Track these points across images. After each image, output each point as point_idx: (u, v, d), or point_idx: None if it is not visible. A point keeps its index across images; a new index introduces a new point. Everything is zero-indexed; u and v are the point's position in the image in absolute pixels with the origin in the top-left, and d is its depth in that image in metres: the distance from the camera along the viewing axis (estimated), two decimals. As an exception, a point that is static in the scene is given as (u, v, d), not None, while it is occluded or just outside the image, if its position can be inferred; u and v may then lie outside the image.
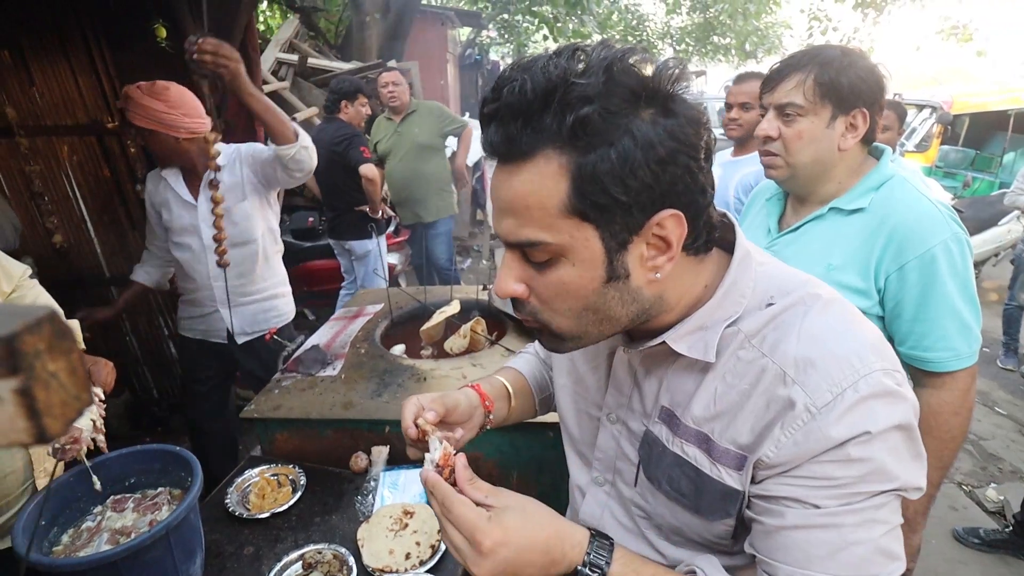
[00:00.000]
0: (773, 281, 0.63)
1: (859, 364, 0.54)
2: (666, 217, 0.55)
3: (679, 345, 0.62)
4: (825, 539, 0.55)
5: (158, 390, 3.25)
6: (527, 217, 0.55)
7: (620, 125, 0.51)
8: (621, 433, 0.72)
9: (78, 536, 1.14)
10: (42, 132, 2.61)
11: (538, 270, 0.58)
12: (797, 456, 0.55)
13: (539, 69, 0.51)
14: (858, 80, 1.10)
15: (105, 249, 2.90)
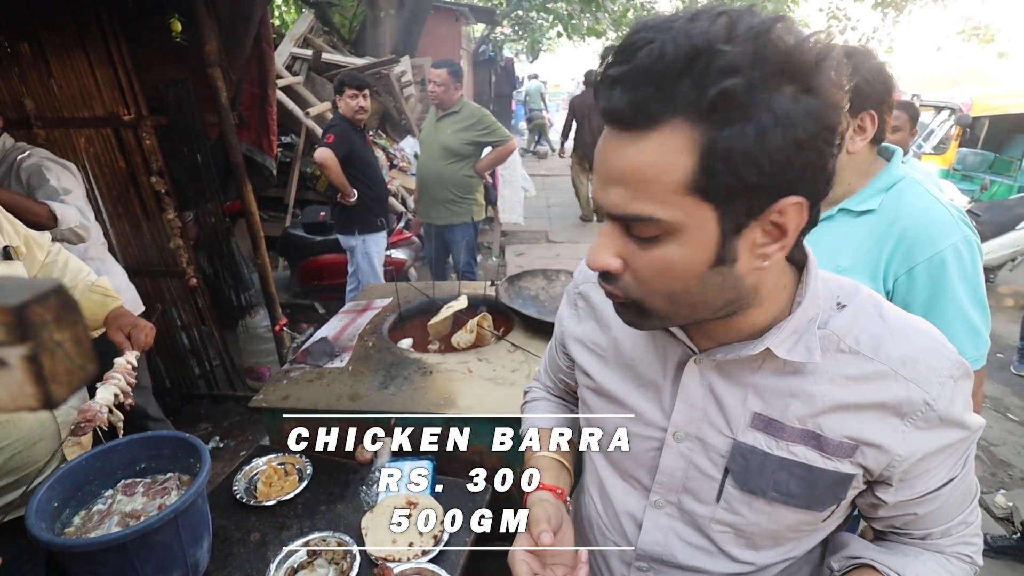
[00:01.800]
0: (832, 284, 0.65)
1: (946, 352, 0.62)
2: (790, 204, 0.51)
3: (781, 351, 0.60)
4: (960, 492, 0.67)
5: (170, 380, 3.30)
6: (641, 190, 0.51)
7: (762, 101, 0.46)
8: (694, 450, 0.68)
9: (89, 518, 1.17)
10: (60, 124, 2.66)
11: (640, 245, 0.54)
12: (928, 445, 0.61)
13: (682, 33, 0.47)
14: (864, 82, 1.09)
15: (120, 240, 2.94)
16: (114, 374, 1.28)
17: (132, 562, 1.04)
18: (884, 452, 0.61)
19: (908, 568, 0.66)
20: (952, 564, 0.69)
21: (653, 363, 0.70)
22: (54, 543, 1.00)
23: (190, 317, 3.11)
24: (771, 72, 0.47)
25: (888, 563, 0.67)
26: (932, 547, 0.69)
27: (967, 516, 0.69)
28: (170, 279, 2.99)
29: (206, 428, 3.17)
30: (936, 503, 0.65)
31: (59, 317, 0.22)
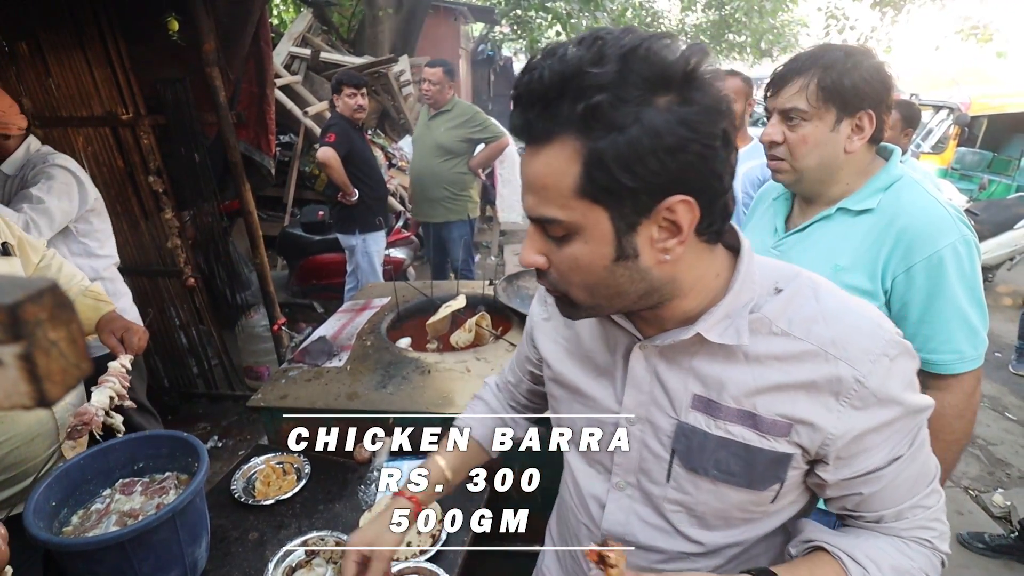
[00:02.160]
0: (769, 271, 0.68)
1: (881, 331, 0.63)
2: (676, 202, 0.56)
3: (711, 334, 0.64)
4: (911, 473, 0.67)
5: (169, 379, 3.30)
6: (545, 196, 0.58)
7: (630, 113, 0.52)
8: (645, 432, 0.72)
9: (87, 517, 1.17)
10: (58, 123, 2.65)
11: (556, 244, 0.61)
12: (864, 424, 0.63)
13: (560, 58, 0.53)
14: (862, 82, 1.09)
15: (118, 239, 2.91)
16: (109, 377, 1.28)
17: (130, 561, 1.04)
18: (817, 430, 0.63)
19: (858, 548, 0.67)
20: (909, 548, 0.69)
21: (606, 352, 0.75)
22: (52, 542, 1.00)
23: (188, 316, 3.11)
24: (639, 87, 0.52)
25: (839, 544, 0.68)
26: (887, 531, 0.69)
27: (922, 500, 0.68)
28: (168, 278, 2.99)
29: (204, 427, 3.17)
30: (881, 483, 0.66)
31: (53, 316, 0.22)
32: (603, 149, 0.53)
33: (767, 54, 14.54)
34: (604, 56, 0.52)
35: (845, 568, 0.66)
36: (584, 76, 0.52)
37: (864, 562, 0.66)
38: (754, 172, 2.29)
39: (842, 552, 0.67)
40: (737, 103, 2.28)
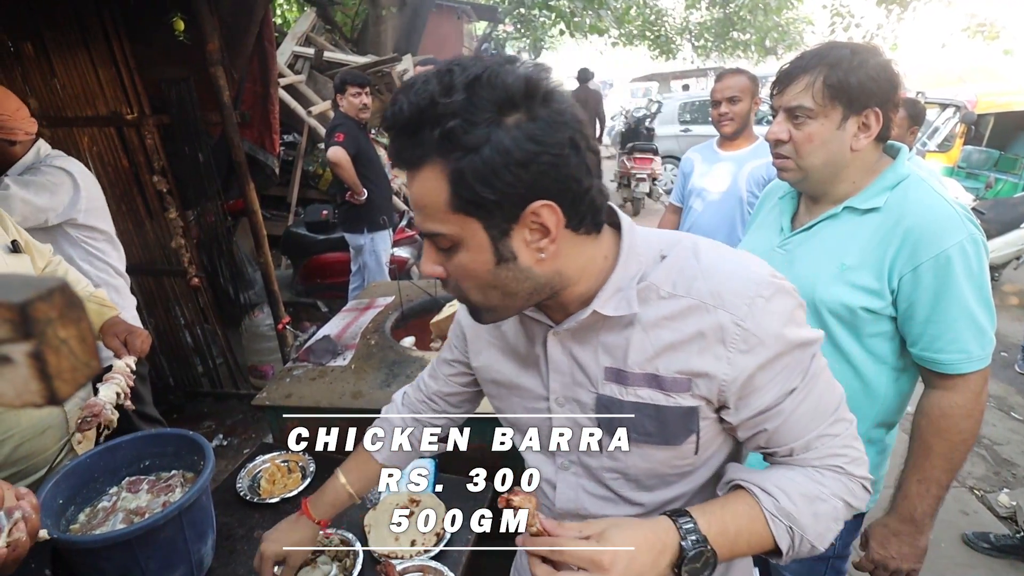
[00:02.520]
0: (654, 240, 0.74)
1: (754, 275, 0.68)
2: (539, 207, 0.62)
3: (606, 309, 0.70)
4: (810, 405, 0.71)
5: (174, 378, 3.32)
6: (426, 214, 0.64)
7: (481, 134, 0.58)
8: (573, 410, 0.78)
9: (94, 515, 1.18)
10: (63, 123, 2.67)
11: (446, 255, 0.67)
12: (751, 364, 0.67)
13: (415, 93, 0.60)
14: (868, 79, 1.08)
15: (123, 239, 2.92)
16: (115, 375, 1.29)
17: (137, 559, 1.04)
18: (711, 379, 0.69)
19: (769, 480, 0.72)
20: (822, 475, 0.72)
21: (528, 345, 0.80)
22: (60, 539, 1.00)
23: (193, 315, 3.12)
24: (487, 109, 0.58)
25: (752, 479, 0.72)
26: (801, 462, 0.73)
27: (827, 429, 0.72)
28: (173, 278, 3.00)
29: (209, 426, 3.18)
30: (782, 417, 0.70)
31: (63, 314, 0.22)
32: (463, 168, 0.59)
33: (772, 52, 14.48)
34: (452, 86, 0.58)
35: (757, 499, 0.70)
36: (436, 106, 0.58)
37: (773, 491, 0.70)
38: (759, 171, 2.28)
39: (754, 485, 0.71)
40: (743, 101, 2.28)
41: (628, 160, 7.63)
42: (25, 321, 0.21)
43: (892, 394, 1.19)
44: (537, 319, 0.76)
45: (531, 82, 0.60)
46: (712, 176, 2.43)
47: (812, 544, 0.70)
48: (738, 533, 0.68)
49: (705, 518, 0.67)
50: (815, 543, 0.70)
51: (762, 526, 0.69)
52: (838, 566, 1.35)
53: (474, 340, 0.90)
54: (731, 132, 2.34)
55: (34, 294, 0.21)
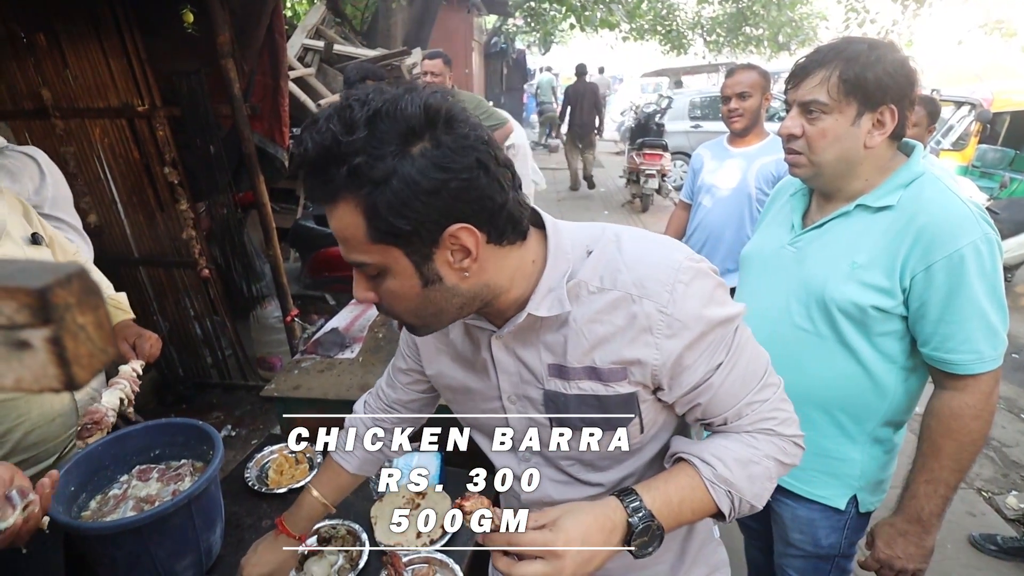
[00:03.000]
0: (580, 236, 0.76)
1: (672, 262, 0.71)
2: (456, 230, 0.63)
3: (541, 310, 0.72)
4: (737, 375, 0.75)
5: (183, 369, 3.35)
6: (349, 246, 0.66)
7: (388, 167, 0.59)
8: (525, 407, 0.82)
9: (105, 502, 1.20)
10: (76, 114, 2.68)
11: (375, 282, 0.69)
12: (678, 346, 0.71)
13: (319, 132, 0.60)
14: (885, 75, 1.06)
15: (134, 230, 2.98)
16: (120, 380, 1.29)
17: (147, 546, 1.06)
18: (643, 365, 0.72)
19: (706, 450, 0.77)
20: (755, 439, 0.78)
21: (475, 351, 0.83)
22: (71, 526, 1.02)
23: (202, 307, 3.15)
24: (391, 142, 0.59)
25: (692, 450, 0.78)
26: (735, 429, 0.79)
27: (755, 395, 0.77)
28: (183, 269, 3.02)
29: (218, 417, 3.21)
30: (712, 390, 0.74)
31: (81, 301, 0.22)
32: (375, 202, 0.60)
33: (785, 48, 14.33)
34: (354, 122, 0.59)
35: (696, 469, 0.75)
36: (340, 144, 0.59)
37: (711, 460, 0.75)
38: (768, 168, 2.26)
39: (693, 456, 0.76)
40: (753, 97, 2.26)
41: (637, 156, 7.58)
42: (44, 306, 0.21)
43: (901, 393, 1.18)
44: (480, 325, 0.79)
45: (430, 109, 0.61)
46: (722, 173, 2.41)
47: (751, 504, 0.76)
48: (681, 502, 0.74)
49: (650, 494, 0.72)
50: (753, 503, 0.77)
51: (703, 493, 0.75)
52: (843, 565, 1.34)
53: (425, 350, 0.93)
54: (741, 128, 2.32)
55: (52, 279, 0.21)
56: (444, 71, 3.55)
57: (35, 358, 0.21)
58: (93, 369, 0.22)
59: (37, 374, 0.21)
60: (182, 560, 1.13)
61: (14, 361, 0.21)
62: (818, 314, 1.18)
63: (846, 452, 1.23)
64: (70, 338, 0.22)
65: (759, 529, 1.65)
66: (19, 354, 0.21)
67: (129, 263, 3.04)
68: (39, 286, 0.21)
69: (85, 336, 0.22)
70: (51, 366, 0.21)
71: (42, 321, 0.21)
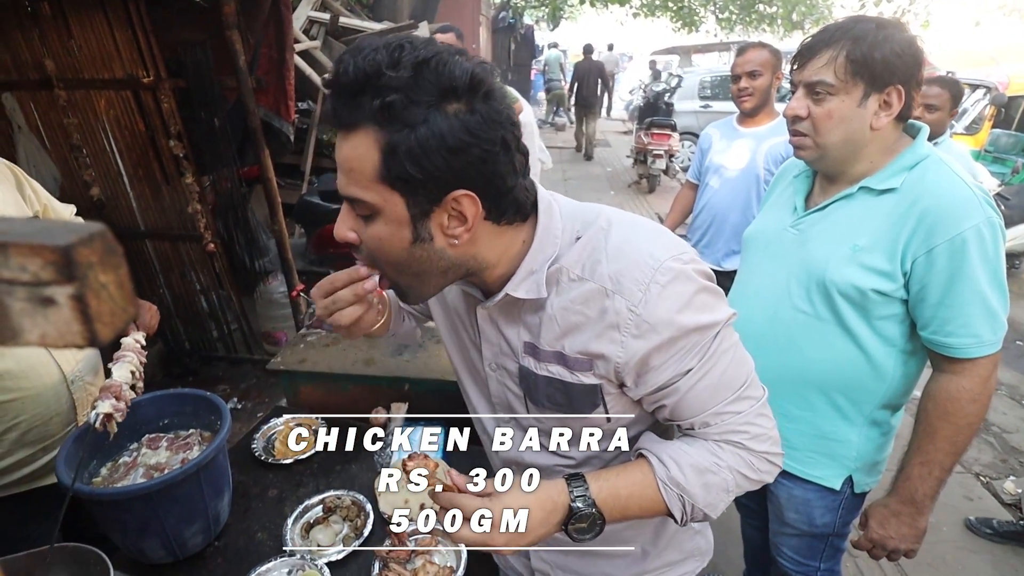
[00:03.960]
0: (573, 220, 0.76)
1: (652, 261, 0.70)
2: (460, 195, 0.64)
3: (518, 292, 0.73)
4: (709, 383, 0.73)
5: (189, 342, 3.38)
6: (352, 177, 0.65)
7: (420, 114, 0.59)
8: (504, 376, 0.84)
9: (116, 469, 1.22)
10: (80, 85, 2.67)
11: (364, 223, 0.68)
12: (643, 347, 0.70)
13: (363, 58, 0.60)
14: (893, 55, 1.05)
15: (140, 203, 2.98)
16: (126, 353, 1.29)
17: (156, 512, 1.08)
18: (607, 361, 0.73)
19: (666, 451, 0.77)
20: (721, 449, 0.77)
21: (466, 314, 0.86)
22: (83, 491, 1.04)
23: (208, 281, 3.16)
24: (430, 92, 0.60)
25: (653, 448, 0.78)
26: (701, 436, 0.78)
27: (727, 407, 0.76)
28: (188, 243, 3.03)
29: (224, 389, 3.25)
30: (679, 394, 0.74)
31: (103, 260, 0.23)
32: (397, 142, 0.60)
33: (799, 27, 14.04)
34: (400, 62, 0.59)
35: (652, 466, 0.76)
36: (381, 76, 0.59)
37: (667, 461, 0.76)
38: (777, 149, 2.24)
39: (652, 453, 0.77)
40: (764, 76, 2.22)
41: (645, 135, 7.50)
42: (68, 264, 0.21)
43: (899, 376, 1.19)
44: (471, 292, 0.80)
45: (476, 78, 0.61)
46: (730, 153, 2.39)
47: (704, 512, 0.76)
48: (629, 497, 0.74)
49: (598, 483, 0.73)
50: (707, 511, 0.76)
51: (654, 492, 0.75)
52: (837, 544, 1.37)
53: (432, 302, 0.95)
54: (750, 108, 2.29)
55: (76, 238, 0.22)
56: (456, 46, 3.49)
57: (60, 315, 0.22)
58: (115, 327, 0.23)
59: (62, 330, 0.22)
60: (191, 526, 1.16)
61: (39, 317, 0.22)
62: (818, 296, 1.18)
63: (843, 433, 1.24)
64: (93, 296, 0.22)
65: (755, 508, 1.68)
66: (44, 310, 0.22)
67: (135, 236, 3.05)
68: (64, 244, 0.21)
69: (107, 295, 0.23)
70: (75, 323, 0.22)
71: (66, 278, 0.21)
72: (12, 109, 2.72)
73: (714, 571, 2.16)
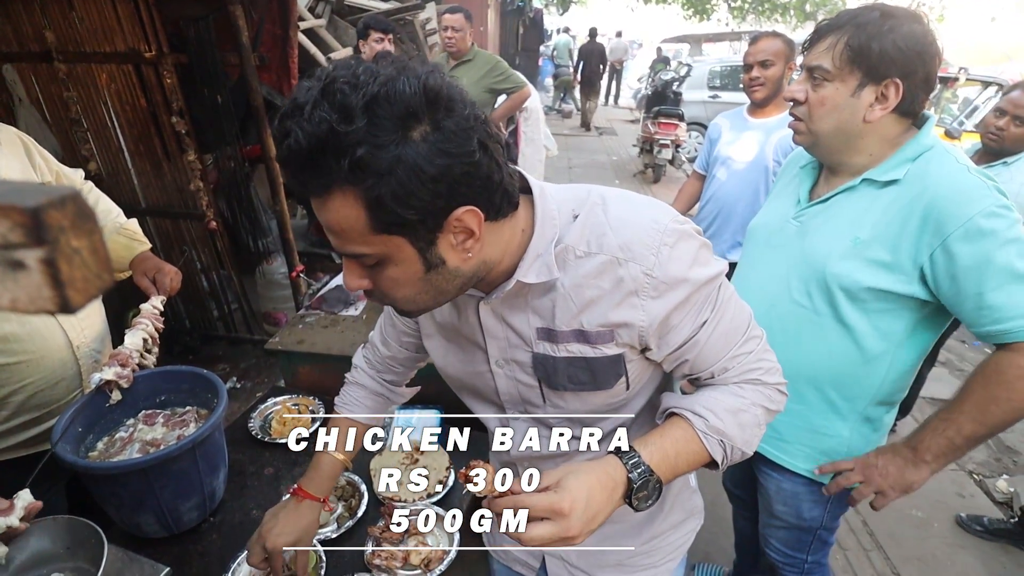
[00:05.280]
0: (566, 200, 0.76)
1: (657, 225, 0.72)
2: (461, 214, 0.63)
3: (529, 277, 0.73)
4: (722, 331, 0.77)
5: (190, 321, 3.38)
6: (345, 237, 0.63)
7: (391, 155, 0.57)
8: (514, 370, 0.84)
9: (112, 444, 1.22)
10: (81, 59, 2.64)
11: (372, 270, 0.67)
12: (664, 308, 0.72)
13: (306, 121, 0.56)
14: (893, 48, 1.02)
15: (141, 180, 2.97)
16: (142, 320, 1.29)
17: (152, 487, 1.09)
18: (630, 327, 0.74)
19: (697, 403, 0.79)
20: (742, 389, 0.80)
21: (463, 319, 0.85)
22: (79, 464, 1.05)
23: (209, 260, 3.16)
24: (391, 128, 0.56)
25: (683, 404, 0.80)
26: (722, 382, 0.81)
27: (740, 348, 0.79)
28: (190, 221, 3.02)
29: (224, 369, 3.26)
30: (699, 347, 0.77)
31: (76, 224, 0.22)
32: (378, 193, 0.58)
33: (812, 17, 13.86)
34: (350, 109, 0.55)
35: (689, 421, 0.77)
36: (338, 136, 0.55)
37: (703, 412, 0.77)
38: (787, 141, 2.21)
39: (685, 409, 0.78)
40: (776, 66, 2.19)
41: (652, 124, 7.43)
42: (38, 226, 0.21)
43: (894, 372, 1.18)
44: (470, 293, 0.79)
45: (430, 91, 0.58)
46: (739, 145, 2.36)
47: (742, 451, 0.79)
48: (677, 455, 0.75)
49: (647, 450, 0.74)
50: (744, 449, 0.79)
51: (697, 444, 0.76)
52: (824, 537, 1.37)
53: (422, 322, 0.94)
54: (761, 98, 2.26)
55: (46, 200, 0.21)
56: (465, 27, 3.43)
57: (30, 279, 0.21)
58: (88, 294, 0.22)
59: (32, 295, 0.21)
60: (186, 502, 1.16)
61: (9, 281, 0.21)
62: (816, 291, 1.17)
63: (835, 428, 1.24)
64: (64, 260, 0.21)
65: (747, 500, 1.68)
66: (14, 274, 0.21)
67: (136, 213, 3.00)
68: (33, 206, 0.20)
69: (80, 260, 0.22)
70: (46, 288, 0.21)
71: (36, 241, 0.21)
72: (13, 81, 2.70)
73: (706, 560, 2.18)
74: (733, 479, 1.74)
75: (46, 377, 1.21)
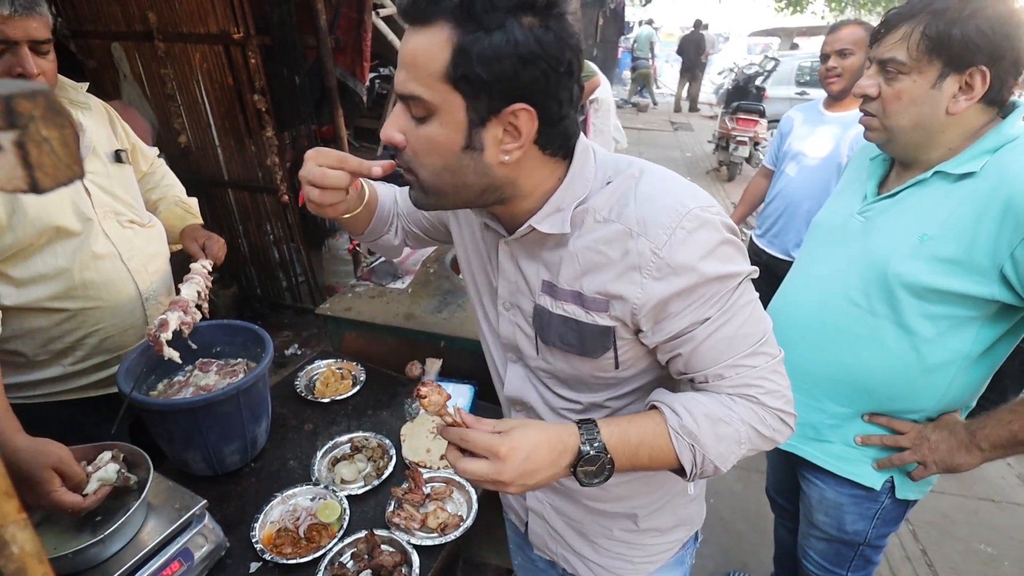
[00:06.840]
0: (608, 165, 0.76)
1: (680, 208, 0.69)
2: (520, 109, 0.64)
3: (543, 226, 0.74)
4: (725, 335, 0.73)
5: (261, 289, 3.61)
6: (415, 73, 0.64)
7: (499, 19, 0.61)
8: (516, 316, 0.85)
9: (171, 386, 1.34)
10: (178, 39, 2.86)
11: (416, 124, 0.67)
12: (664, 291, 0.70)
13: None
14: (977, 33, 0.93)
15: (225, 153, 3.19)
16: (193, 276, 1.39)
17: (199, 427, 1.19)
18: (625, 301, 0.73)
19: (678, 401, 0.75)
20: (734, 402, 0.75)
21: (485, 249, 0.87)
22: (136, 399, 1.15)
23: (281, 233, 3.35)
24: (510, 4, 0.61)
25: (665, 399, 0.77)
26: (715, 389, 0.77)
27: (742, 360, 0.74)
28: (266, 194, 3.22)
29: (287, 336, 3.46)
30: (694, 343, 0.73)
31: (46, 116, 0.25)
32: (471, 42, 0.61)
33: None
34: None
35: (664, 416, 0.75)
36: None
37: (679, 410, 0.74)
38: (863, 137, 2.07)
39: (663, 403, 0.76)
40: (855, 55, 2.05)
41: (730, 120, 7.10)
42: (8, 111, 0.24)
43: (956, 387, 1.08)
44: (493, 227, 0.81)
45: (552, 3, 0.63)
46: (812, 139, 2.23)
47: (714, 464, 0.74)
48: (640, 445, 0.73)
49: (608, 428, 0.73)
50: (717, 463, 0.74)
51: (665, 441, 0.74)
52: (869, 555, 1.29)
53: (454, 227, 0.95)
54: (838, 91, 2.12)
55: (17, 91, 0.24)
56: None
57: (5, 159, 0.24)
58: (57, 179, 0.25)
59: (9, 174, 0.24)
60: (230, 444, 1.25)
61: (-10, 162, 0.24)
62: (876, 290, 1.09)
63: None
64: (34, 145, 0.24)
65: (789, 509, 1.61)
66: (-6, 155, 0.24)
67: (219, 185, 3.27)
68: (5, 93, 0.23)
69: (49, 149, 0.25)
70: (18, 168, 0.24)
71: (8, 125, 0.24)
72: (119, 59, 2.97)
73: (743, 570, 2.10)
74: (776, 486, 1.66)
75: (117, 323, 1.34)
